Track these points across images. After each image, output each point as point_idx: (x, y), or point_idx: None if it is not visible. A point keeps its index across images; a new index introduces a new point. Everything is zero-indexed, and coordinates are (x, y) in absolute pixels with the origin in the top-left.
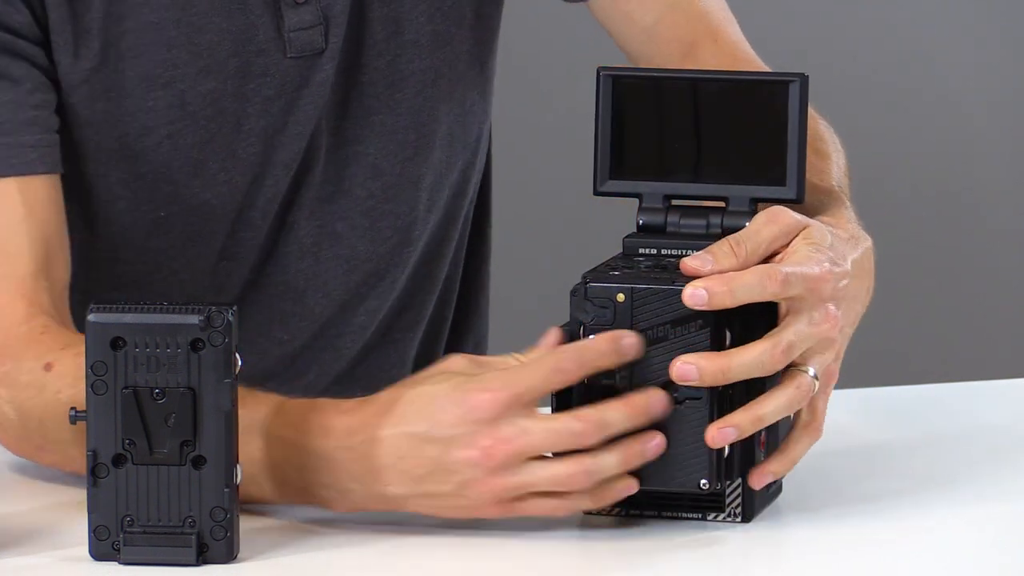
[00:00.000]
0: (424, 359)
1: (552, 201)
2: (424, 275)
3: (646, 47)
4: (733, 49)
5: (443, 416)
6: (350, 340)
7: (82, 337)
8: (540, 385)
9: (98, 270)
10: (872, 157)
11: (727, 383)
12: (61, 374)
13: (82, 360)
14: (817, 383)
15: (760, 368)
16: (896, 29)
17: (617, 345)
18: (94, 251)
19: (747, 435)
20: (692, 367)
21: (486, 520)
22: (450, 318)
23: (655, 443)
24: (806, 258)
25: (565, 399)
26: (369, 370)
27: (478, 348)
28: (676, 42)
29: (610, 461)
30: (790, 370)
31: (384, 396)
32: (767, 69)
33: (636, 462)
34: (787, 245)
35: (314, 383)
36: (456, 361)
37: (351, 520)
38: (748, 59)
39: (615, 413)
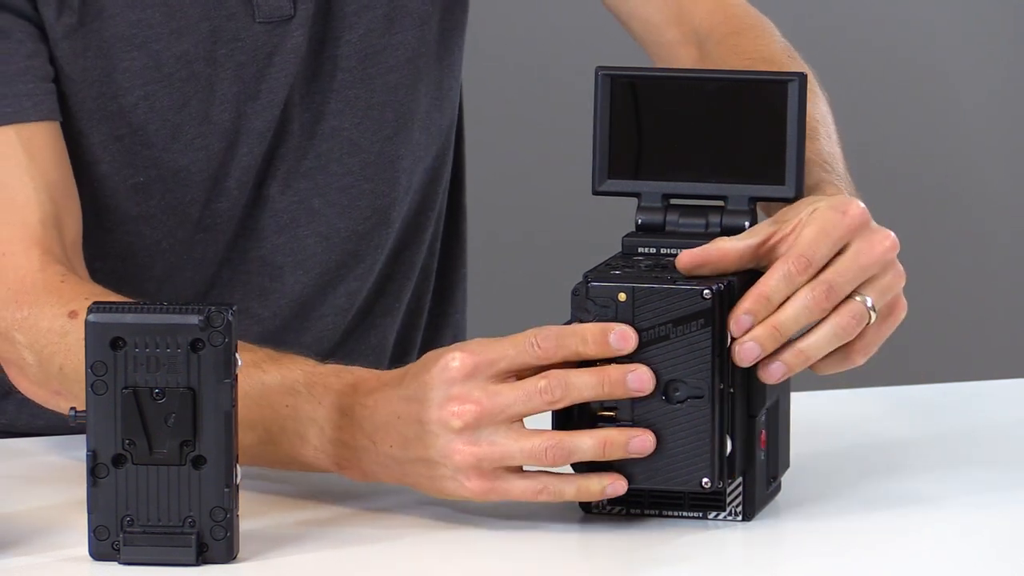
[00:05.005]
0: (402, 347)
1: (550, 201)
2: (401, 260)
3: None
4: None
5: (425, 377)
6: (331, 322)
7: (102, 291)
8: (514, 355)
9: (83, 238)
10: (872, 157)
11: (785, 340)
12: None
13: None
14: (874, 313)
15: (808, 314)
16: (896, 27)
17: (604, 335)
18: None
19: (796, 372)
20: (751, 344)
21: (486, 517)
22: (427, 308)
23: (640, 439)
24: (817, 220)
25: (565, 418)
26: (349, 354)
27: (456, 340)
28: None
29: (587, 442)
30: (844, 300)
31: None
32: (759, 16)
33: (615, 452)
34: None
35: None
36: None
37: (351, 520)
38: (738, 1)
39: (583, 376)
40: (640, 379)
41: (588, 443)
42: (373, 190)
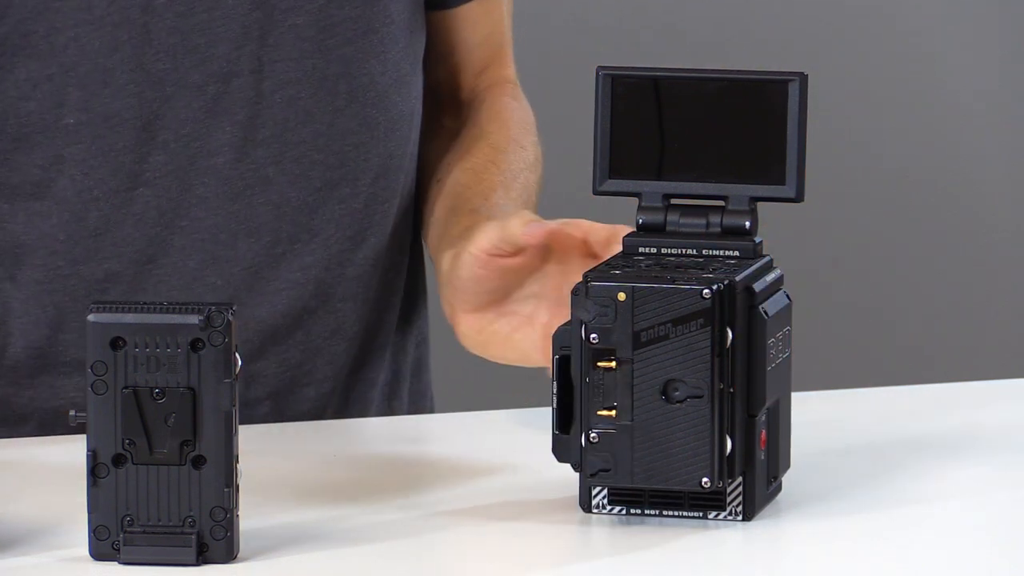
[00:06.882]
0: (371, 341)
1: (551, 201)
2: (361, 243)
3: (465, 58)
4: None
5: None
6: (286, 297)
7: None
8: None
9: (18, 173)
10: (872, 157)
11: None
12: None
13: None
14: None
15: None
16: (897, 28)
17: None
18: (12, 157)
19: None
20: None
21: (486, 518)
22: (398, 305)
23: None
24: None
25: (567, 419)
26: (309, 336)
27: (419, 348)
28: (481, 62)
29: None
30: None
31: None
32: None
33: None
34: None
35: (251, 339)
36: None
37: (351, 520)
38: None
39: None
40: None
41: None
42: (324, 161)
